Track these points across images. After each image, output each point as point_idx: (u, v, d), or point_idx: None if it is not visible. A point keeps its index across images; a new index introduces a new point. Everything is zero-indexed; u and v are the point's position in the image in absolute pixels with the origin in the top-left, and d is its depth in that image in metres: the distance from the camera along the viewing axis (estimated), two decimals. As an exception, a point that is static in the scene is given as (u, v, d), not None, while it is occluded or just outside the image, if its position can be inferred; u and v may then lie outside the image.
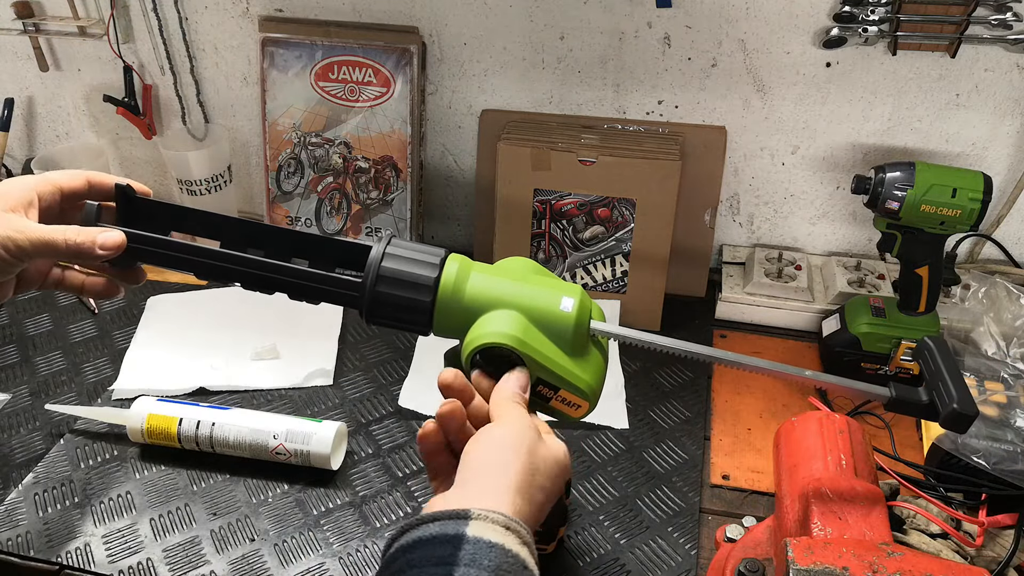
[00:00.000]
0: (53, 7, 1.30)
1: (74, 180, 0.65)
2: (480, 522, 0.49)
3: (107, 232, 0.62)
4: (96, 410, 0.99)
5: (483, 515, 0.50)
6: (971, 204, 0.94)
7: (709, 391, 1.05)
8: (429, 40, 1.19)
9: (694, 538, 0.86)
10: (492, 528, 0.49)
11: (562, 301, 0.62)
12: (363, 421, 1.01)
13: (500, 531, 0.49)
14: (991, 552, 0.76)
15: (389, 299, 0.61)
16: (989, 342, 0.98)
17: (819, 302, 1.15)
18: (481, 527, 0.49)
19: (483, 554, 0.48)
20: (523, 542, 0.50)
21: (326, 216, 1.28)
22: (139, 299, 1.22)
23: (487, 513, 0.50)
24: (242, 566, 0.84)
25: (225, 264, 0.63)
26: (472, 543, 0.48)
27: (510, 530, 0.50)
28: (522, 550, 0.49)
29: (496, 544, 0.48)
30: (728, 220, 1.25)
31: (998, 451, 0.82)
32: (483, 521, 0.49)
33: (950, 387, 0.61)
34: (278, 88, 1.22)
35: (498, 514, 0.50)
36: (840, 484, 0.68)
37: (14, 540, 0.86)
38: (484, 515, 0.50)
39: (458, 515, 0.50)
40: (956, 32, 1.02)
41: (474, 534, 0.48)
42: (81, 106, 1.40)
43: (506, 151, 1.13)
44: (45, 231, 0.60)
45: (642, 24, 1.11)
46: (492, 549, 0.48)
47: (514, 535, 0.50)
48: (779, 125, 1.15)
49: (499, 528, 0.49)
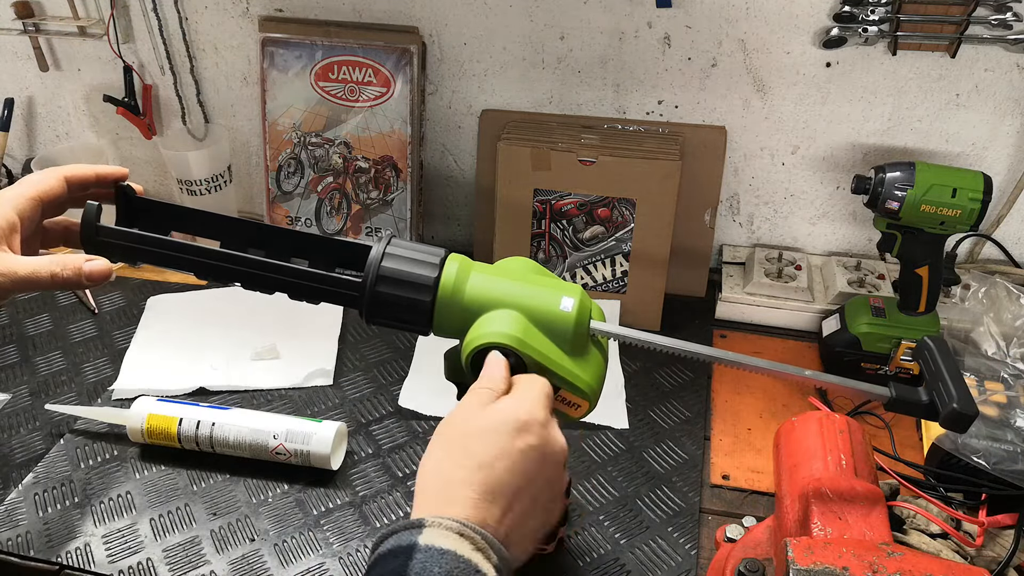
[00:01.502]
0: (53, 7, 1.30)
1: (51, 186, 0.64)
2: (433, 529, 0.49)
3: (93, 262, 0.61)
4: (96, 410, 0.99)
5: (436, 522, 0.50)
6: (971, 204, 0.94)
7: (709, 391, 1.05)
8: (429, 40, 1.19)
9: (694, 538, 0.86)
10: (444, 535, 0.49)
11: (562, 301, 0.62)
12: (363, 421, 1.01)
13: (453, 537, 0.49)
14: (991, 552, 0.76)
15: (389, 299, 0.61)
16: (989, 342, 0.98)
17: (819, 302, 1.15)
18: (433, 535, 0.49)
19: (434, 561, 0.48)
20: (477, 547, 0.49)
21: (326, 216, 1.28)
22: (139, 299, 1.22)
23: (440, 520, 0.50)
24: (242, 566, 0.84)
25: (225, 264, 0.63)
26: (423, 551, 0.48)
27: (464, 536, 0.49)
28: (475, 555, 0.49)
29: (448, 551, 0.48)
30: (728, 220, 1.25)
31: (998, 451, 0.82)
32: (436, 528, 0.49)
33: (950, 387, 0.61)
34: (278, 88, 1.22)
35: (452, 520, 0.50)
36: (840, 484, 0.68)
37: (14, 540, 0.86)
38: (437, 522, 0.50)
39: (413, 525, 0.50)
40: (956, 32, 1.02)
41: (425, 542, 0.49)
42: (81, 106, 1.40)
43: (506, 151, 1.13)
44: (30, 269, 0.60)
45: (642, 24, 1.11)
46: (443, 556, 0.48)
47: (468, 541, 0.49)
48: (779, 125, 1.15)
49: (452, 534, 0.49)
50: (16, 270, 0.59)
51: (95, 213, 0.63)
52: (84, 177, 0.65)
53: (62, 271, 0.60)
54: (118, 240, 0.63)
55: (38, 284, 0.60)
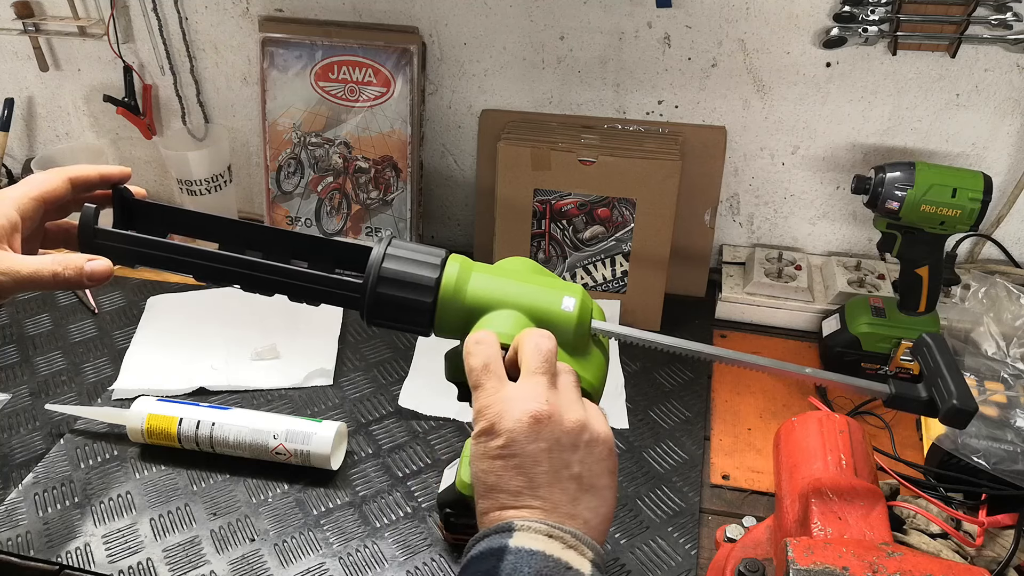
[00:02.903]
0: (53, 7, 1.30)
1: (54, 186, 0.64)
2: (523, 532, 0.52)
3: (94, 262, 0.61)
4: (96, 410, 0.99)
5: (525, 526, 0.52)
6: (971, 204, 0.94)
7: (709, 391, 1.05)
8: (429, 40, 1.19)
9: (694, 538, 0.86)
10: (534, 537, 0.51)
11: (563, 301, 0.62)
12: (363, 421, 1.01)
13: (542, 539, 0.51)
14: (991, 552, 0.76)
15: (390, 300, 0.61)
16: (989, 342, 0.98)
17: (819, 302, 1.15)
18: (523, 537, 0.51)
19: (524, 562, 0.50)
20: (568, 546, 0.52)
21: (326, 216, 1.28)
22: (139, 299, 1.22)
23: (529, 523, 0.52)
24: (242, 566, 0.84)
25: (224, 266, 0.63)
26: (514, 553, 0.50)
27: (553, 537, 0.52)
28: (566, 553, 0.51)
29: (537, 551, 0.51)
30: (728, 220, 1.25)
31: (998, 451, 0.82)
32: (525, 532, 0.52)
33: (949, 383, 0.61)
34: (278, 88, 1.22)
35: (540, 523, 0.52)
36: (840, 484, 0.68)
37: (14, 540, 0.86)
38: (526, 526, 0.52)
39: (502, 528, 0.52)
40: (956, 32, 1.02)
41: (516, 544, 0.51)
42: (81, 106, 1.40)
43: (506, 151, 1.13)
44: (32, 268, 0.60)
45: (642, 24, 1.11)
46: (533, 556, 0.50)
47: (558, 541, 0.52)
48: (779, 125, 1.15)
49: (541, 536, 0.51)
50: (18, 269, 0.59)
51: (93, 216, 0.63)
52: (88, 178, 0.65)
53: (64, 270, 0.60)
54: (116, 243, 0.63)
55: (40, 283, 0.60)
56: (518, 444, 0.54)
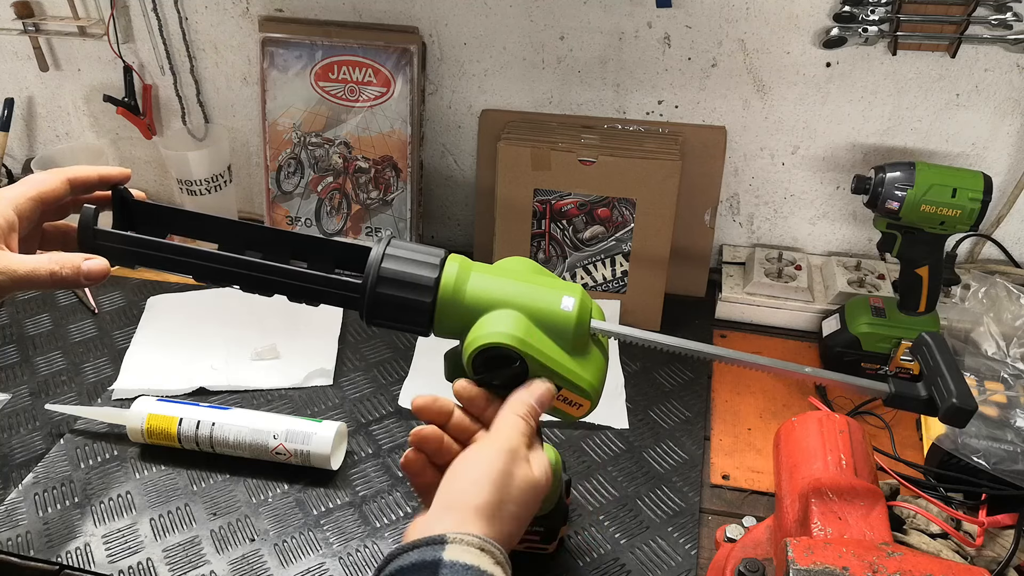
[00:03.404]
0: (53, 7, 1.30)
1: (53, 187, 0.64)
2: (456, 545, 0.51)
3: (91, 261, 0.61)
4: (96, 410, 0.99)
5: (458, 538, 0.52)
6: (971, 204, 0.94)
7: (709, 391, 1.05)
8: (429, 40, 1.19)
9: (694, 538, 0.86)
10: (467, 550, 0.51)
11: (563, 300, 0.62)
12: (363, 421, 1.01)
13: (475, 552, 0.51)
14: (991, 552, 0.76)
15: (389, 300, 0.61)
16: (989, 342, 0.98)
17: (819, 302, 1.15)
18: (457, 550, 0.51)
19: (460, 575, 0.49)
20: (497, 562, 0.52)
21: (326, 216, 1.28)
22: (139, 299, 1.22)
23: (462, 536, 0.52)
24: (242, 566, 0.84)
25: (224, 267, 0.63)
26: (448, 566, 0.50)
27: (485, 551, 0.52)
28: (496, 569, 0.51)
29: (472, 566, 0.50)
30: (728, 220, 1.25)
31: (998, 451, 0.82)
32: (459, 544, 0.51)
33: (948, 382, 0.61)
34: (278, 88, 1.22)
35: (473, 536, 0.52)
36: (840, 484, 0.68)
37: (14, 540, 0.86)
38: (459, 538, 0.52)
39: (435, 540, 0.52)
40: (956, 32, 1.02)
41: (450, 558, 0.50)
42: (81, 106, 1.40)
43: (506, 151, 1.13)
44: (29, 267, 0.60)
45: (642, 24, 1.11)
46: (468, 571, 0.50)
47: (488, 556, 0.52)
48: (779, 125, 1.15)
49: (474, 550, 0.51)
50: (15, 268, 0.59)
51: (92, 217, 0.63)
52: (87, 178, 0.65)
53: (61, 269, 0.60)
54: (115, 244, 0.63)
55: (37, 282, 0.60)
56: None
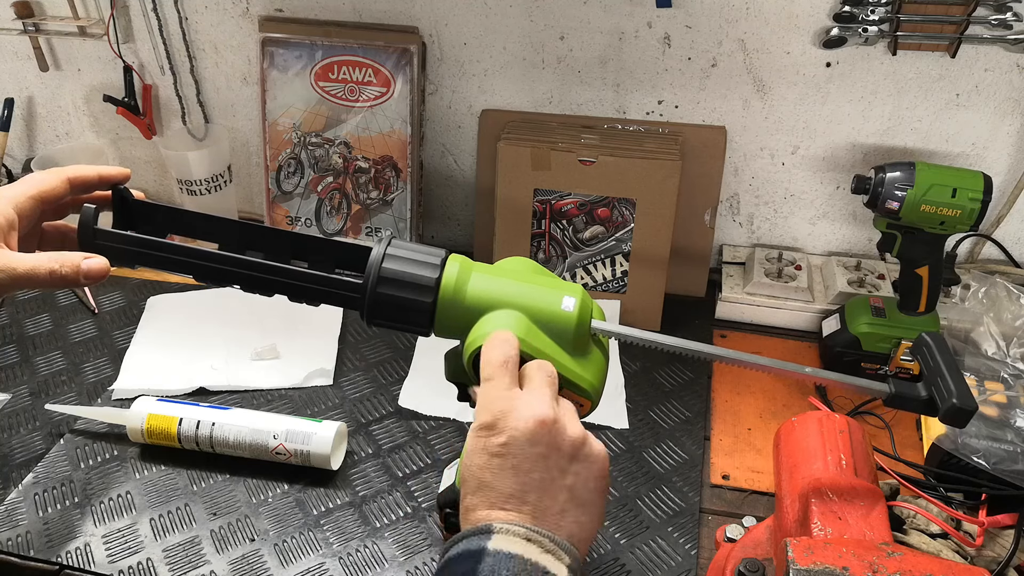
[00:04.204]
0: (53, 7, 1.30)
1: (53, 186, 0.64)
2: (502, 536, 0.52)
3: (91, 260, 0.61)
4: (96, 410, 0.99)
5: (504, 528, 0.52)
6: (971, 204, 0.94)
7: (709, 391, 1.05)
8: (429, 40, 1.19)
9: (694, 538, 0.86)
10: (512, 540, 0.52)
11: (563, 300, 0.62)
12: (363, 421, 1.01)
13: (520, 542, 0.52)
14: (991, 552, 0.76)
15: (390, 300, 0.61)
16: (989, 342, 0.98)
17: (819, 302, 1.15)
18: (502, 540, 0.52)
19: (502, 565, 0.50)
20: (545, 550, 0.52)
21: (326, 216, 1.28)
22: (139, 299, 1.22)
23: (508, 527, 0.52)
24: (242, 566, 0.84)
25: (224, 267, 0.63)
26: (493, 556, 0.51)
27: (531, 541, 0.52)
28: (544, 557, 0.51)
29: (515, 555, 0.51)
30: (728, 220, 1.25)
31: (998, 451, 0.82)
32: (504, 535, 0.52)
33: (948, 382, 0.61)
34: (278, 88, 1.22)
35: (520, 526, 0.52)
36: (840, 484, 0.68)
37: (14, 540, 0.86)
38: (506, 528, 0.52)
39: (482, 531, 0.53)
40: (956, 32, 1.02)
41: (495, 547, 0.51)
42: (81, 106, 1.40)
43: (506, 151, 1.13)
44: (29, 266, 0.60)
45: (642, 24, 1.11)
46: (511, 559, 0.51)
47: (535, 544, 0.52)
48: (779, 125, 1.15)
49: (519, 540, 0.52)
50: (15, 266, 0.59)
51: (92, 216, 0.63)
52: (87, 178, 0.65)
53: (60, 268, 0.60)
54: (116, 243, 0.63)
55: (36, 281, 0.60)
56: (518, 445, 0.54)
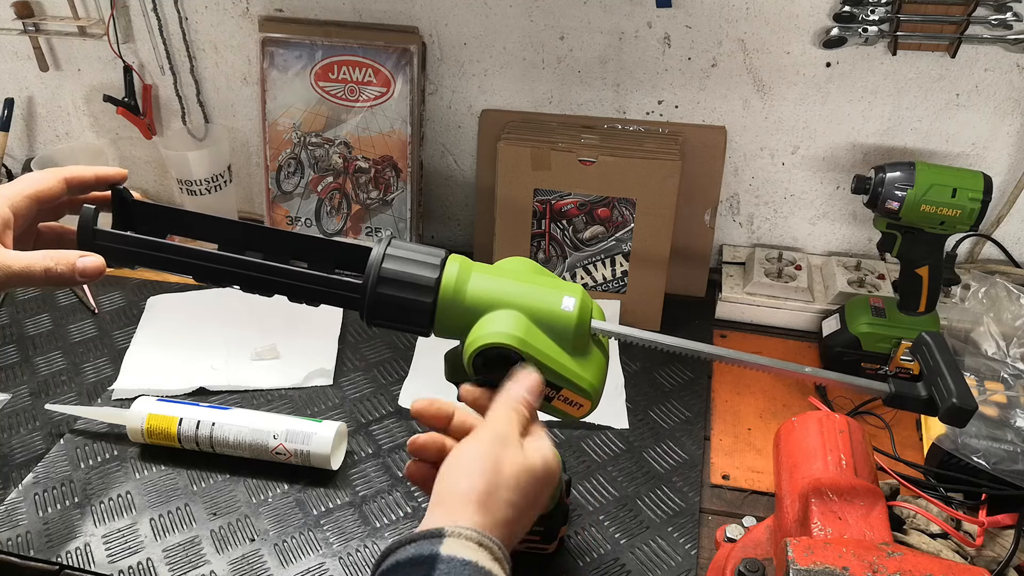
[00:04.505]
0: (53, 7, 1.30)
1: (49, 186, 0.64)
2: (453, 539, 0.50)
3: (86, 258, 0.61)
4: (96, 410, 0.99)
5: (456, 532, 0.51)
6: (971, 204, 0.94)
7: (709, 391, 1.05)
8: (429, 40, 1.19)
9: (694, 538, 0.86)
10: (465, 545, 0.50)
11: (563, 300, 0.62)
12: (363, 421, 1.01)
13: (473, 547, 0.50)
14: (991, 552, 0.76)
15: (390, 300, 0.61)
16: (989, 342, 0.98)
17: (819, 302, 1.15)
18: (454, 545, 0.50)
19: (456, 571, 0.48)
20: (495, 558, 0.51)
21: (326, 216, 1.28)
22: (139, 299, 1.22)
23: (460, 530, 0.51)
24: (242, 566, 0.84)
25: (224, 267, 0.63)
26: (446, 561, 0.49)
27: (483, 546, 0.51)
28: (494, 566, 0.50)
29: (469, 561, 0.49)
30: (728, 220, 1.25)
31: (998, 451, 0.82)
32: (456, 539, 0.50)
33: (948, 382, 0.61)
34: (278, 88, 1.22)
35: (471, 531, 0.51)
36: (840, 484, 0.68)
37: (14, 540, 0.86)
38: (457, 532, 0.51)
39: (432, 534, 0.51)
40: (956, 32, 1.02)
41: (447, 552, 0.49)
42: (81, 106, 1.40)
43: (506, 151, 1.13)
44: (24, 263, 0.60)
45: (642, 24, 1.11)
46: (465, 566, 0.49)
47: (486, 551, 0.50)
48: (779, 125, 1.15)
49: (472, 545, 0.50)
50: (10, 264, 0.59)
51: (92, 217, 0.63)
52: (84, 178, 0.65)
53: (56, 266, 0.60)
54: (115, 244, 0.63)
55: (32, 279, 0.60)
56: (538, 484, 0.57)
